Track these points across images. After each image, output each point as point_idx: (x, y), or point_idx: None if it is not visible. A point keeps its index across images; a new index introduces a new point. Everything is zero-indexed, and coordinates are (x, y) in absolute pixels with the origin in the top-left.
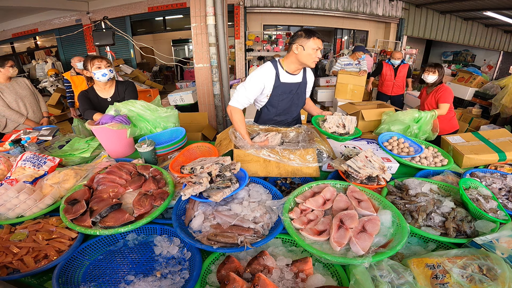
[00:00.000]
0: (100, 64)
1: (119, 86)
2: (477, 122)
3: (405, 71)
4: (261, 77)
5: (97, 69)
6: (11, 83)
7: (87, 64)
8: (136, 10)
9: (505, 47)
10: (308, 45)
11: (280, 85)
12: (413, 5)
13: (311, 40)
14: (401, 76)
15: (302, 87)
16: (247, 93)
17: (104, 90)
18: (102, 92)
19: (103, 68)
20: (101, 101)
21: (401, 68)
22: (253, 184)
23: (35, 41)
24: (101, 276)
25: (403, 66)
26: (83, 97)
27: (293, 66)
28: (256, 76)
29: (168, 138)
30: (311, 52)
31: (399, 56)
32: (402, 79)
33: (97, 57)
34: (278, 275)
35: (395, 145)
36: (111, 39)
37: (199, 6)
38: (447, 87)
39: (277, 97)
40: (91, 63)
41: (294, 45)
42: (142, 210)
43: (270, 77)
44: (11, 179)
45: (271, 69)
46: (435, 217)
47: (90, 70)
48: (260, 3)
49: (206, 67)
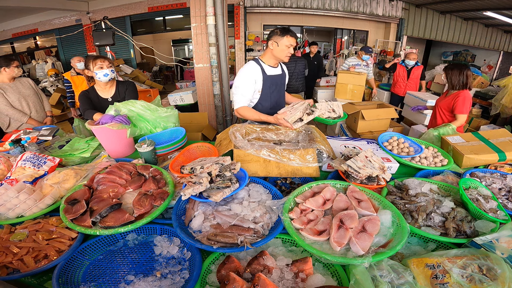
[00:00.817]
0: (102, 64)
1: (120, 86)
2: (477, 122)
3: (419, 73)
4: (250, 73)
5: (99, 69)
6: (15, 83)
7: (89, 63)
8: (136, 10)
9: (505, 47)
10: (282, 42)
11: (267, 78)
12: (413, 5)
13: (284, 38)
14: (414, 77)
15: (284, 78)
16: (242, 91)
17: (105, 90)
18: (102, 92)
19: (105, 68)
20: (102, 101)
21: (415, 70)
22: (253, 184)
23: (35, 41)
24: (101, 276)
25: (416, 68)
26: (83, 97)
27: (271, 60)
28: (245, 74)
29: (168, 138)
30: (284, 48)
31: (414, 57)
32: (415, 80)
33: (100, 57)
34: (278, 275)
35: (395, 145)
36: (111, 39)
37: (199, 6)
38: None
39: (268, 89)
40: (93, 63)
41: (270, 42)
42: (142, 210)
43: (257, 72)
44: (11, 179)
45: (255, 65)
46: (435, 217)
47: (92, 70)
48: (260, 3)
49: (206, 67)
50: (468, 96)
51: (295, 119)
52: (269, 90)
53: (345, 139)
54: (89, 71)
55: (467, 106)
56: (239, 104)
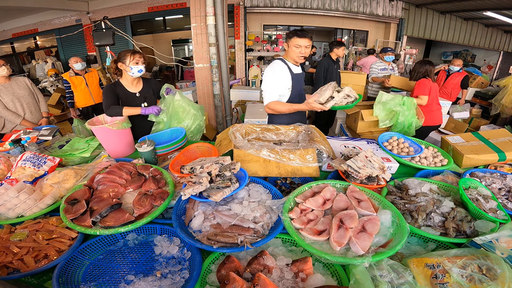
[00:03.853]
0: (139, 60)
1: (144, 82)
2: (477, 122)
3: (459, 79)
4: (278, 70)
5: (135, 64)
6: (10, 83)
7: (126, 58)
8: (136, 10)
9: (505, 47)
10: (290, 43)
11: (295, 76)
12: (413, 5)
13: (292, 39)
14: (452, 83)
15: (304, 76)
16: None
17: (132, 85)
18: (130, 87)
19: (140, 64)
20: (129, 96)
21: (455, 76)
22: (253, 184)
23: (35, 41)
24: (101, 276)
25: (457, 73)
26: (109, 92)
27: (291, 60)
28: (273, 71)
29: (168, 138)
30: (293, 49)
31: (459, 63)
32: (452, 86)
33: (137, 52)
34: (278, 275)
35: (395, 145)
36: (111, 39)
37: (199, 6)
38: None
39: (296, 86)
40: (132, 57)
41: (285, 44)
42: (142, 210)
43: (285, 70)
44: (11, 179)
45: (283, 64)
46: (435, 217)
47: (127, 64)
48: (260, 3)
49: (206, 67)
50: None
51: (326, 98)
52: (297, 87)
53: (345, 139)
54: (123, 65)
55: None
56: (269, 99)
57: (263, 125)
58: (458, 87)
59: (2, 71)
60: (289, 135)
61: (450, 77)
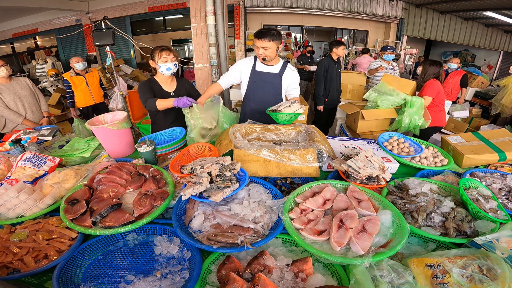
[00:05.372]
0: (167, 58)
1: (178, 81)
2: (477, 122)
3: (458, 78)
4: (241, 64)
5: (163, 62)
6: (11, 83)
7: (155, 55)
8: (136, 10)
9: (505, 47)
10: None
11: (256, 73)
12: (413, 5)
13: (255, 40)
14: (451, 82)
15: (277, 78)
16: (227, 74)
17: (167, 83)
18: (165, 86)
19: (169, 62)
20: (165, 95)
21: (453, 74)
22: (253, 184)
23: (35, 41)
24: (101, 276)
25: (456, 72)
26: (146, 87)
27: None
28: (237, 63)
29: (168, 138)
30: (255, 49)
31: (456, 61)
32: (451, 85)
33: (165, 49)
34: (278, 275)
35: (395, 145)
36: (111, 39)
37: (199, 6)
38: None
39: (260, 83)
40: (159, 55)
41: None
42: (142, 210)
43: (249, 65)
44: (11, 179)
45: (250, 59)
46: (435, 217)
47: (156, 62)
48: (260, 3)
49: (206, 67)
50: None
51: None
52: (260, 84)
53: (345, 139)
54: (153, 62)
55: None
56: (218, 81)
57: (263, 125)
58: (458, 86)
59: (1, 72)
60: (289, 135)
61: (449, 76)
